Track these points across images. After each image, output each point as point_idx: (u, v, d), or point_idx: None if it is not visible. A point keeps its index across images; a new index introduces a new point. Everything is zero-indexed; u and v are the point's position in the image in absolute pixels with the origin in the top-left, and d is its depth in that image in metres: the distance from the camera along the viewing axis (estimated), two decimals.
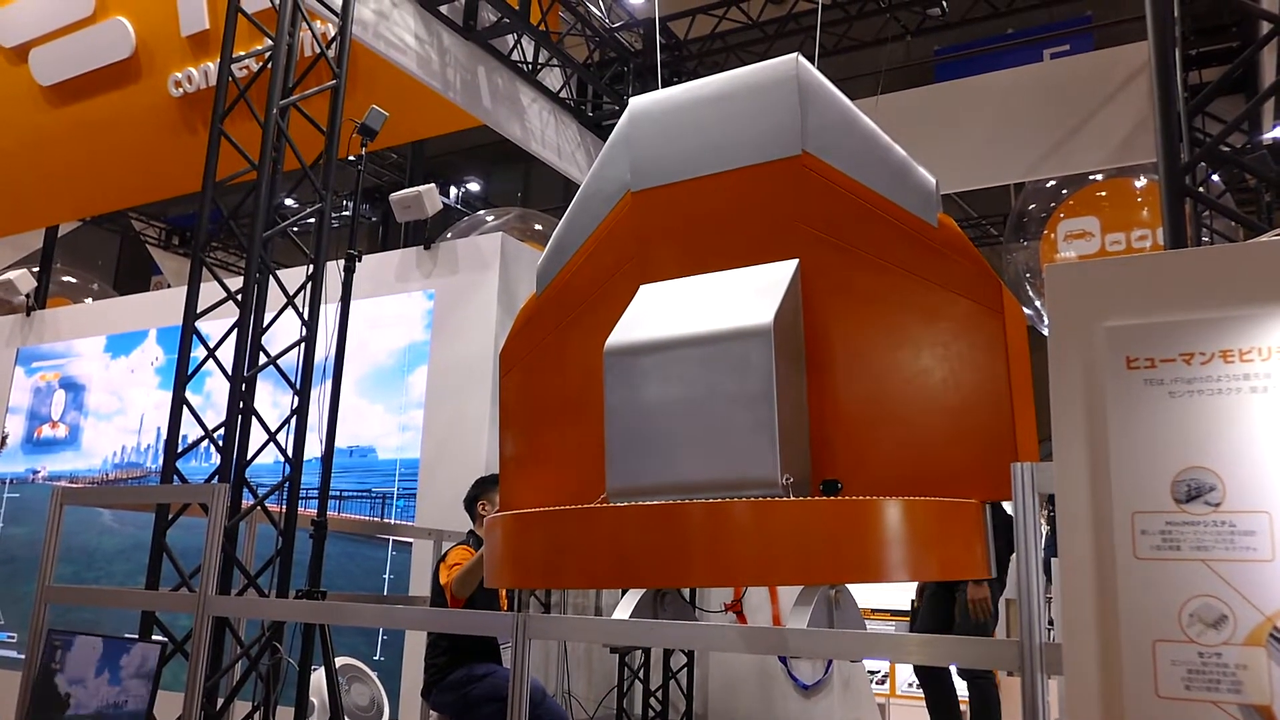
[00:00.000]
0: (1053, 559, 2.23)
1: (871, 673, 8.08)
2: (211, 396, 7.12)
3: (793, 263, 2.72)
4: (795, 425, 2.58)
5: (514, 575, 2.73)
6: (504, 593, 4.61)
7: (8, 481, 9.06)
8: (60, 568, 4.37)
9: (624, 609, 2.77)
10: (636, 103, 3.09)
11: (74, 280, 11.34)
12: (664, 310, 2.78)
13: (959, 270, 2.55)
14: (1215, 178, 6.75)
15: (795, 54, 2.87)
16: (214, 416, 4.79)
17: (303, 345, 4.84)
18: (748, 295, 2.67)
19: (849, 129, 2.75)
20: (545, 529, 2.59)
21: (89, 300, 10.96)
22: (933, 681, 5.26)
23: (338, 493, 6.70)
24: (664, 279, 2.91)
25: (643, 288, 2.92)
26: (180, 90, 7.39)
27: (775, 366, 2.48)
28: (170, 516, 4.57)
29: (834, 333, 2.70)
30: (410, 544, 6.48)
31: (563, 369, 3.09)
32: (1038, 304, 8.07)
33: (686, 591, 5.83)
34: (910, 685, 8.19)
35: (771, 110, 2.83)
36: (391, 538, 6.58)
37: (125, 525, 7.95)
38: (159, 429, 7.97)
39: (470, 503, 4.64)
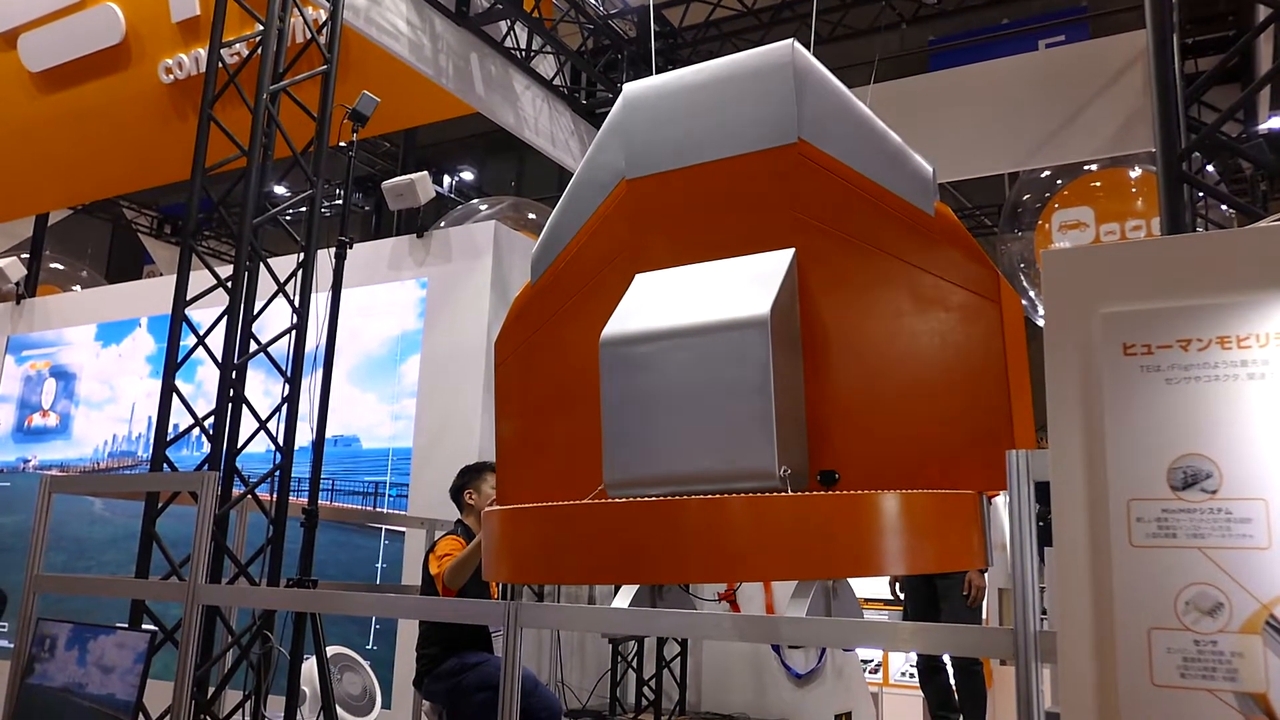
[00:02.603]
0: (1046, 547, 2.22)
1: (865, 662, 8.10)
2: (203, 385, 7.10)
3: (789, 252, 2.70)
4: (792, 416, 2.56)
5: (512, 570, 2.72)
6: (495, 583, 4.59)
7: None
8: (51, 556, 4.35)
9: (623, 598, 2.76)
10: (631, 89, 3.06)
11: (61, 267, 11.26)
12: (660, 300, 2.76)
13: (956, 259, 2.54)
14: (1210, 168, 6.74)
15: (791, 40, 2.84)
16: (205, 405, 4.76)
17: (293, 333, 4.82)
18: (744, 285, 2.65)
19: (845, 116, 2.73)
20: (543, 525, 2.58)
21: (77, 288, 10.90)
22: (930, 675, 5.28)
23: (329, 482, 6.68)
24: (659, 267, 2.88)
25: (638, 277, 2.89)
26: (171, 76, 7.34)
27: (772, 357, 2.46)
28: (160, 505, 4.55)
29: (830, 322, 2.68)
30: (403, 533, 6.46)
31: (558, 358, 3.07)
32: (1032, 294, 8.07)
33: None
34: (903, 674, 8.20)
35: (767, 97, 2.80)
36: (384, 527, 6.56)
37: (117, 514, 7.91)
38: (150, 417, 7.92)
39: (456, 492, 4.61)
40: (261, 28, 4.92)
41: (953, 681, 5.22)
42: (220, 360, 4.63)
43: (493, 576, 2.79)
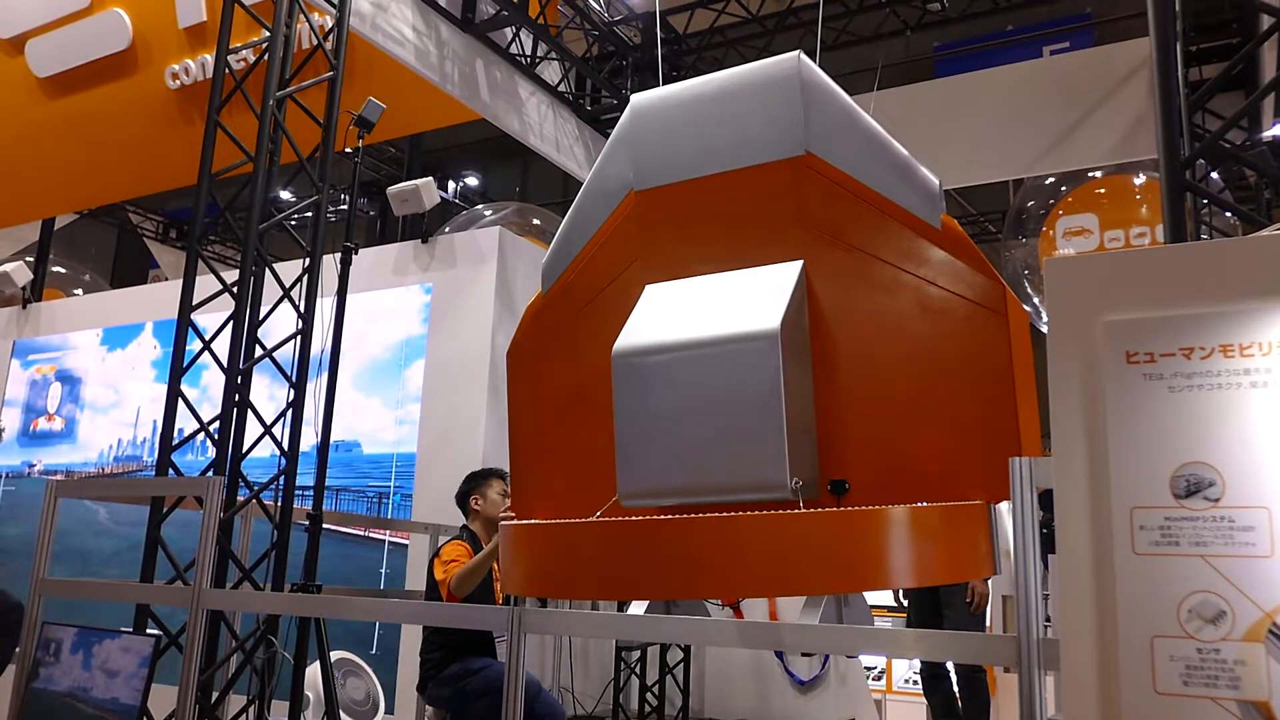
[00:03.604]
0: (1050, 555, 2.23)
1: (868, 669, 8.09)
2: (208, 390, 7.11)
3: (798, 264, 2.71)
4: (802, 427, 2.57)
5: (528, 585, 2.75)
6: (499, 589, 4.60)
7: (3, 475, 9.04)
8: (55, 568, 4.36)
9: (639, 604, 2.78)
10: (638, 100, 3.07)
11: (63, 270, 11.28)
12: (671, 312, 2.77)
13: (962, 272, 2.54)
14: (1214, 175, 6.74)
15: (797, 52, 2.85)
16: (210, 410, 4.78)
17: (299, 338, 4.83)
18: (754, 297, 2.66)
19: (852, 129, 2.73)
20: (558, 541, 2.60)
21: (79, 291, 10.93)
22: (934, 682, 5.28)
23: (333, 489, 6.69)
24: (669, 278, 2.89)
25: (649, 288, 2.90)
26: (177, 82, 7.37)
27: (783, 370, 2.47)
28: (165, 509, 4.56)
29: (838, 333, 2.69)
30: (406, 543, 6.47)
31: (570, 367, 3.07)
32: (1036, 301, 8.06)
33: None
34: (907, 681, 8.19)
35: (774, 110, 2.80)
36: (387, 536, 6.57)
37: (121, 525, 7.92)
38: (155, 422, 7.95)
39: (462, 498, 4.62)
40: (268, 34, 4.95)
41: (956, 689, 5.21)
42: (226, 365, 4.65)
43: (509, 590, 2.82)
